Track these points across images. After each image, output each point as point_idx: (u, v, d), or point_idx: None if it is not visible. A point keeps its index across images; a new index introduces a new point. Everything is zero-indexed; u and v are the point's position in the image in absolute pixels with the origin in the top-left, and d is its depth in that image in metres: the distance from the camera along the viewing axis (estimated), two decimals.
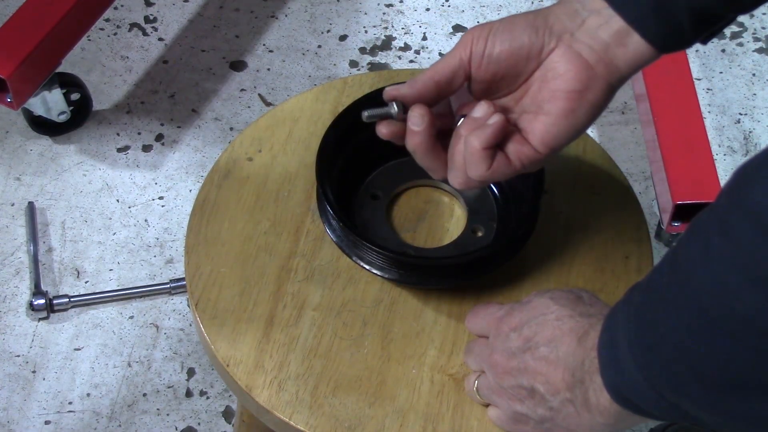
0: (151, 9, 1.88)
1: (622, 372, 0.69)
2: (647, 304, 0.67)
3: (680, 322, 0.63)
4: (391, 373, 0.88)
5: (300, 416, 0.86)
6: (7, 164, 1.67)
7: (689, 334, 0.62)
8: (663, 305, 0.64)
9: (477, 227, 0.96)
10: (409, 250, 0.95)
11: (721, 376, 0.61)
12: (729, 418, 0.63)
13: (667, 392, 0.66)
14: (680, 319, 0.63)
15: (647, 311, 0.66)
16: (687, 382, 0.64)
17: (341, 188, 0.94)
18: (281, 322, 0.91)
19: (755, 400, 0.61)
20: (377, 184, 0.98)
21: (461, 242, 0.95)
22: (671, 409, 0.67)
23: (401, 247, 0.95)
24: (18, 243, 1.58)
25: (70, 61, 1.70)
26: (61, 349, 1.48)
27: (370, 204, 0.97)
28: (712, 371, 0.61)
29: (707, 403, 0.63)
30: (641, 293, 0.68)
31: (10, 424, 1.41)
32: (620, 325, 0.69)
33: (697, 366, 0.62)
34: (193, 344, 1.49)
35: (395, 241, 0.95)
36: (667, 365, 0.65)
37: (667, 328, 0.64)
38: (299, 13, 1.88)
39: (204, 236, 0.96)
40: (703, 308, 0.60)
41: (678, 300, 0.63)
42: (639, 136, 1.71)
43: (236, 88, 1.77)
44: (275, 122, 1.04)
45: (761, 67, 1.82)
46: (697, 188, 1.46)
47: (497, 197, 0.97)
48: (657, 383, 0.66)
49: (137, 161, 1.68)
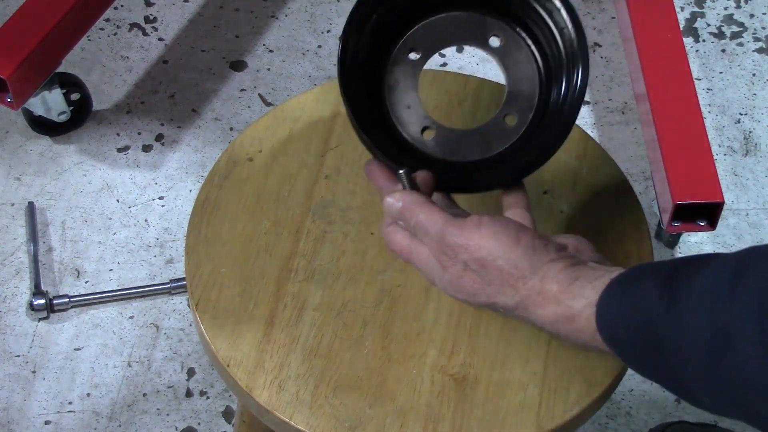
0: (151, 9, 1.88)
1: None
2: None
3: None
4: (392, 373, 0.88)
5: (300, 416, 0.86)
6: (7, 164, 1.67)
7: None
8: None
9: (511, 113, 0.88)
10: (431, 125, 0.88)
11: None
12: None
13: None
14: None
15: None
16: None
17: (373, 45, 0.88)
18: (281, 322, 0.91)
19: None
20: (418, 39, 0.90)
21: (487, 129, 0.88)
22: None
23: (424, 122, 0.88)
24: (18, 243, 1.58)
25: (70, 61, 1.70)
26: (61, 349, 1.48)
27: (405, 63, 0.89)
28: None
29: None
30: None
31: (10, 424, 1.41)
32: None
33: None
34: (193, 344, 1.49)
35: (418, 113, 0.89)
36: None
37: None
38: (299, 13, 1.88)
39: (204, 236, 0.96)
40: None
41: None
42: (639, 136, 1.71)
43: (236, 88, 1.77)
44: (275, 122, 1.04)
45: (761, 67, 1.82)
46: (697, 188, 1.46)
47: (542, 77, 0.89)
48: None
49: (137, 161, 1.68)
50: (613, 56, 1.83)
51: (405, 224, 0.81)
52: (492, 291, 0.78)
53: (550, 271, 0.76)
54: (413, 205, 0.80)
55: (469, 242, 0.77)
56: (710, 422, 1.41)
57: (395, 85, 0.89)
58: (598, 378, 0.89)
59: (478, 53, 1.82)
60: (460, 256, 0.78)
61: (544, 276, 0.76)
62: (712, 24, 1.88)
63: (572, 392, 0.88)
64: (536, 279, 0.76)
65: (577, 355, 0.89)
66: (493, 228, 0.77)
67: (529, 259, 0.76)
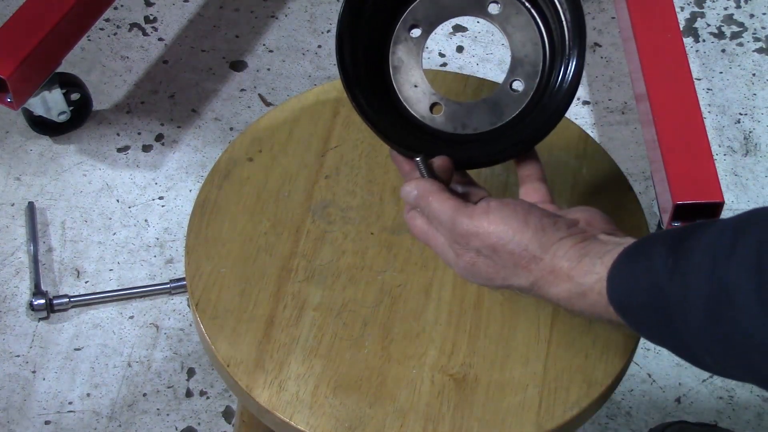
0: (151, 9, 1.88)
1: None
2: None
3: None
4: (392, 373, 0.88)
5: (300, 416, 0.86)
6: (7, 164, 1.67)
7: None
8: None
9: (517, 79, 0.89)
10: (440, 101, 0.89)
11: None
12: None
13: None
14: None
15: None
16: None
17: (372, 27, 0.88)
18: (281, 322, 0.91)
19: None
20: (418, 14, 0.90)
21: (496, 98, 0.89)
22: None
23: (432, 99, 0.89)
24: (18, 243, 1.58)
25: (70, 61, 1.70)
26: (61, 349, 1.48)
27: (408, 41, 0.90)
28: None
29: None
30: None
31: (10, 424, 1.41)
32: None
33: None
34: (193, 344, 1.49)
35: (426, 90, 0.90)
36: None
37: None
38: (299, 13, 1.88)
39: (204, 236, 0.96)
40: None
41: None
42: (639, 136, 1.71)
43: (236, 88, 1.77)
44: (275, 122, 1.04)
45: (761, 67, 1.82)
46: (697, 188, 1.46)
47: (545, 47, 0.89)
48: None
49: (137, 161, 1.68)
50: (613, 56, 1.83)
51: (421, 211, 0.83)
52: (506, 274, 0.79)
53: (560, 249, 0.77)
54: (426, 194, 0.82)
55: (479, 230, 0.79)
56: (710, 422, 1.41)
57: (399, 65, 0.90)
58: (598, 378, 0.89)
59: (479, 53, 1.82)
60: (471, 243, 0.79)
61: (554, 254, 0.77)
62: (712, 24, 1.88)
63: (572, 392, 0.88)
64: (547, 258, 0.77)
65: (577, 355, 0.90)
66: (501, 213, 0.79)
67: (539, 239, 0.77)
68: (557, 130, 0.87)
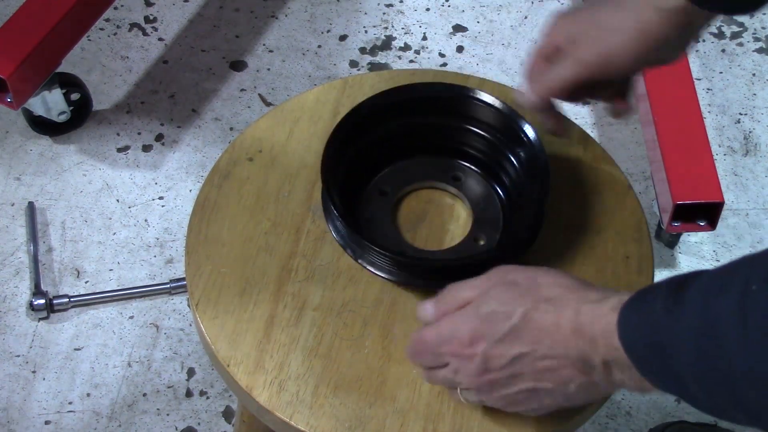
0: (151, 9, 1.88)
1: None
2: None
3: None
4: (392, 373, 0.88)
5: (300, 416, 0.86)
6: (7, 164, 1.67)
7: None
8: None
9: (480, 236, 0.96)
10: (409, 250, 0.95)
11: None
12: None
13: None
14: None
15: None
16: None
17: (348, 183, 0.95)
18: (282, 322, 0.91)
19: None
20: (387, 181, 0.99)
21: (461, 248, 0.95)
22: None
23: (401, 247, 0.95)
24: (18, 243, 1.58)
25: (70, 61, 1.70)
26: (61, 349, 1.48)
27: (378, 200, 0.98)
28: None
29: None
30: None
31: (10, 424, 1.41)
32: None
33: None
34: (193, 344, 1.49)
35: (397, 240, 0.95)
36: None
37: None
38: (299, 13, 1.88)
39: (204, 236, 0.96)
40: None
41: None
42: (639, 136, 1.71)
43: (236, 88, 1.77)
44: (275, 122, 1.04)
45: (761, 67, 1.82)
46: (697, 188, 1.46)
47: (504, 204, 0.97)
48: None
49: (137, 161, 1.68)
50: None
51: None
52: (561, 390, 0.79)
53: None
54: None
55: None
56: (710, 422, 1.41)
57: (372, 219, 0.97)
58: None
59: (479, 53, 1.82)
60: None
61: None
62: (712, 24, 1.88)
63: None
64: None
65: None
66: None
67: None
68: None
